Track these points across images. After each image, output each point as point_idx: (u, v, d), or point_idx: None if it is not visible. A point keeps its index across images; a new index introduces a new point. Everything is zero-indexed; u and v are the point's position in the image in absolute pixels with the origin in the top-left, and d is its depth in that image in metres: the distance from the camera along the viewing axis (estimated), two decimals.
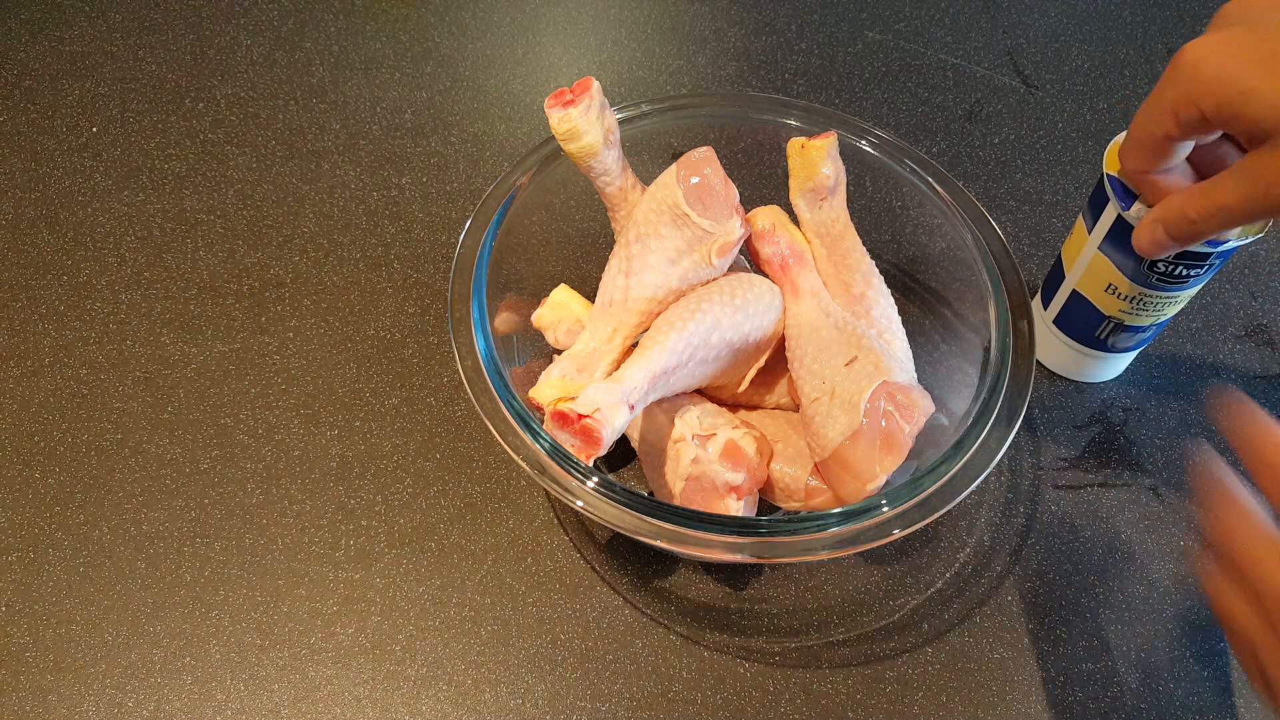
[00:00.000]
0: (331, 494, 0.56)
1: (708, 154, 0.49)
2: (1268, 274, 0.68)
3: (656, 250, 0.50)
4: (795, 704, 0.50)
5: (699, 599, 0.53)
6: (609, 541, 0.55)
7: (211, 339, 0.62)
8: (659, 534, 0.43)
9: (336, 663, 0.51)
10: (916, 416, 0.47)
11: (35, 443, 0.57)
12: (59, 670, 0.50)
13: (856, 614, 0.53)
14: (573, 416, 0.42)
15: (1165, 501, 0.58)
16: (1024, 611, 0.54)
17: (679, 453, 0.49)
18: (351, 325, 0.63)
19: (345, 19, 0.80)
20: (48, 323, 0.62)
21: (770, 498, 0.52)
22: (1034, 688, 0.51)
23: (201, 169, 0.70)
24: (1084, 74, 0.80)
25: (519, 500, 0.56)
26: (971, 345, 0.53)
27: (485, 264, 0.51)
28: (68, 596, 0.52)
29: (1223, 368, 0.63)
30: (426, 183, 0.70)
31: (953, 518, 0.57)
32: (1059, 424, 0.61)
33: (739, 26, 0.82)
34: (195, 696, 0.49)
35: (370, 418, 0.59)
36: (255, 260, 0.66)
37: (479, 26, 0.81)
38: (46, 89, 0.74)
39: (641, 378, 0.45)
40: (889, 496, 0.44)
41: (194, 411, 0.59)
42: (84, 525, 0.55)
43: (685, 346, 0.47)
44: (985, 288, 0.52)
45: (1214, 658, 0.52)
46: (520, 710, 0.50)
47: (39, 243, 0.66)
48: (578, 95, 0.48)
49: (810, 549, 0.43)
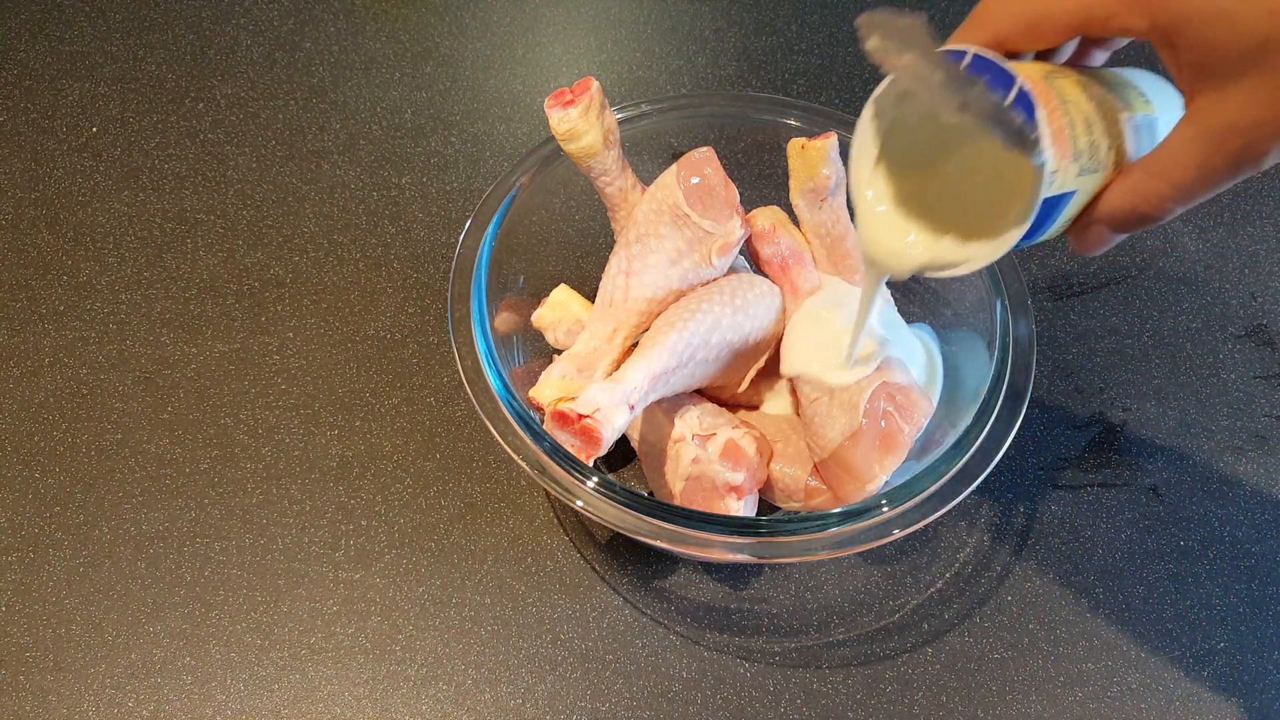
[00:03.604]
0: (331, 494, 0.56)
1: (708, 154, 0.49)
2: (1268, 274, 0.68)
3: (657, 250, 0.50)
4: (795, 704, 0.50)
5: (699, 599, 0.53)
6: (609, 541, 0.55)
7: (211, 339, 0.62)
8: (659, 534, 0.43)
9: (336, 663, 0.51)
10: (916, 417, 0.47)
11: (35, 443, 0.57)
12: (59, 670, 0.50)
13: (856, 614, 0.53)
14: (573, 416, 0.42)
15: (1165, 501, 0.58)
16: (1024, 611, 0.54)
17: (679, 453, 0.49)
18: (351, 325, 0.63)
19: (345, 19, 0.80)
20: (48, 323, 0.62)
21: (770, 498, 0.52)
22: (1034, 688, 0.51)
23: (201, 169, 0.70)
24: None
25: (519, 500, 0.56)
26: (971, 345, 0.53)
27: (485, 264, 0.51)
28: (68, 596, 0.52)
29: (1223, 368, 0.63)
30: (426, 183, 0.70)
31: (953, 518, 0.57)
32: (1059, 424, 0.61)
33: (739, 26, 0.82)
34: (195, 696, 0.49)
35: (370, 418, 0.59)
36: (255, 260, 0.66)
37: (479, 26, 0.81)
38: (46, 89, 0.74)
39: (642, 378, 0.45)
40: (889, 496, 0.44)
41: (194, 411, 0.59)
42: (84, 525, 0.55)
43: (685, 346, 0.47)
44: (985, 288, 0.52)
45: (1214, 657, 0.52)
46: (520, 710, 0.50)
47: (39, 243, 0.66)
48: (578, 95, 0.48)
49: (810, 549, 0.43)
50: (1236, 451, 0.60)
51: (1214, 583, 0.55)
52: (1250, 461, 0.59)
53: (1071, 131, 0.33)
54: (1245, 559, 0.56)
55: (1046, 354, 0.63)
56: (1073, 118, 0.33)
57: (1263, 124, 0.31)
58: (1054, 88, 0.33)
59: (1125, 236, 0.38)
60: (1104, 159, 0.35)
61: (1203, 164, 0.32)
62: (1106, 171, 0.35)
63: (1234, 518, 0.57)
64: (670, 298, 0.50)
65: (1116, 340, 0.64)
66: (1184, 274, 0.67)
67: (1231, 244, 0.69)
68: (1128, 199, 0.35)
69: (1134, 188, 0.35)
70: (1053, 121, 0.32)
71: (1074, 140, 0.33)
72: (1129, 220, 0.35)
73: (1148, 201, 0.34)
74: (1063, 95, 0.34)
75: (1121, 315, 0.65)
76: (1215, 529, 0.57)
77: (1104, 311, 0.65)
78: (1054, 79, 0.34)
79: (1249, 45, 0.30)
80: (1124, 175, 0.35)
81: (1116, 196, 0.35)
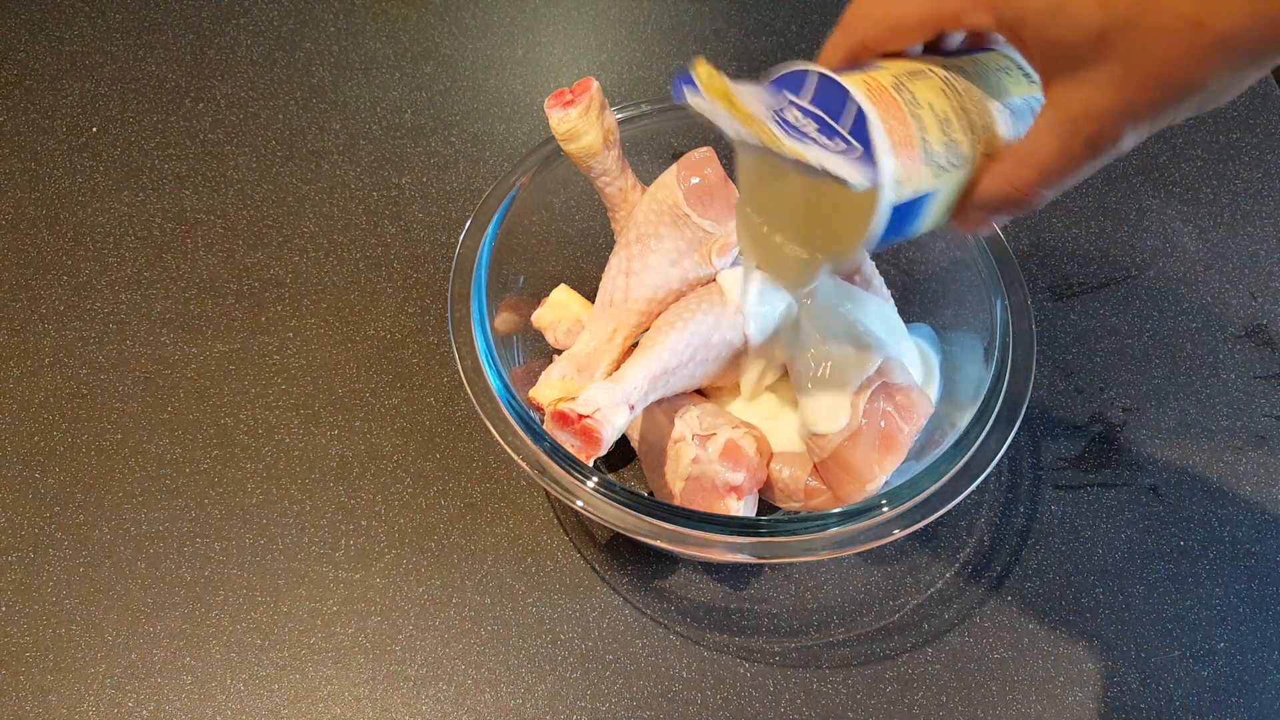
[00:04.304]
0: (331, 494, 0.56)
1: (708, 154, 0.49)
2: (1268, 274, 0.68)
3: (657, 250, 0.50)
4: (795, 704, 0.50)
5: (699, 599, 0.53)
6: (609, 541, 0.55)
7: (211, 339, 0.62)
8: (659, 534, 0.43)
9: (336, 663, 0.51)
10: (916, 417, 0.47)
11: (35, 443, 0.57)
12: (59, 670, 0.50)
13: (856, 614, 0.53)
14: (573, 416, 0.42)
15: (1165, 501, 0.58)
16: (1024, 611, 0.54)
17: (679, 453, 0.49)
18: (351, 325, 0.63)
19: (345, 19, 0.80)
20: (48, 323, 0.62)
21: (770, 498, 0.52)
22: (1034, 688, 0.51)
23: (201, 169, 0.70)
24: None
25: (519, 500, 0.56)
26: (971, 345, 0.53)
27: (485, 264, 0.51)
28: (68, 596, 0.52)
29: (1223, 368, 0.63)
30: (426, 183, 0.70)
31: (953, 518, 0.57)
32: (1059, 424, 0.61)
33: (739, 26, 0.82)
34: (195, 696, 0.49)
35: (370, 418, 0.59)
36: (255, 260, 0.66)
37: (479, 26, 0.81)
38: (46, 89, 0.74)
39: (642, 378, 0.45)
40: (889, 496, 0.44)
41: (194, 411, 0.59)
42: (84, 525, 0.55)
43: (685, 346, 0.47)
44: (985, 288, 0.52)
45: (1214, 657, 0.52)
46: (520, 710, 0.50)
47: (39, 243, 0.66)
48: (577, 95, 0.48)
49: (810, 549, 0.43)
50: (1236, 451, 0.60)
51: (1214, 583, 0.55)
52: (1250, 461, 0.59)
53: (922, 137, 0.35)
54: (1245, 559, 0.56)
55: (1046, 354, 0.63)
56: (924, 123, 0.35)
57: (1112, 111, 0.31)
58: (905, 95, 0.35)
59: (1008, 218, 0.39)
60: (967, 154, 0.36)
61: (1063, 151, 0.33)
62: (974, 163, 0.37)
63: (1234, 518, 0.57)
64: (670, 298, 0.50)
65: (1116, 340, 0.64)
66: (1184, 274, 0.67)
67: (1231, 244, 0.69)
68: (999, 185, 0.36)
69: (1005, 174, 0.36)
70: (896, 133, 0.34)
71: (924, 146, 0.35)
72: (1003, 205, 0.37)
73: (1019, 189, 0.35)
74: (915, 101, 0.35)
75: (1121, 315, 0.65)
76: (1215, 529, 0.57)
77: (1104, 311, 0.65)
78: (912, 82, 0.36)
79: (1087, 38, 0.30)
80: (998, 162, 0.36)
81: (990, 183, 0.37)
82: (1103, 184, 0.72)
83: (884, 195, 0.34)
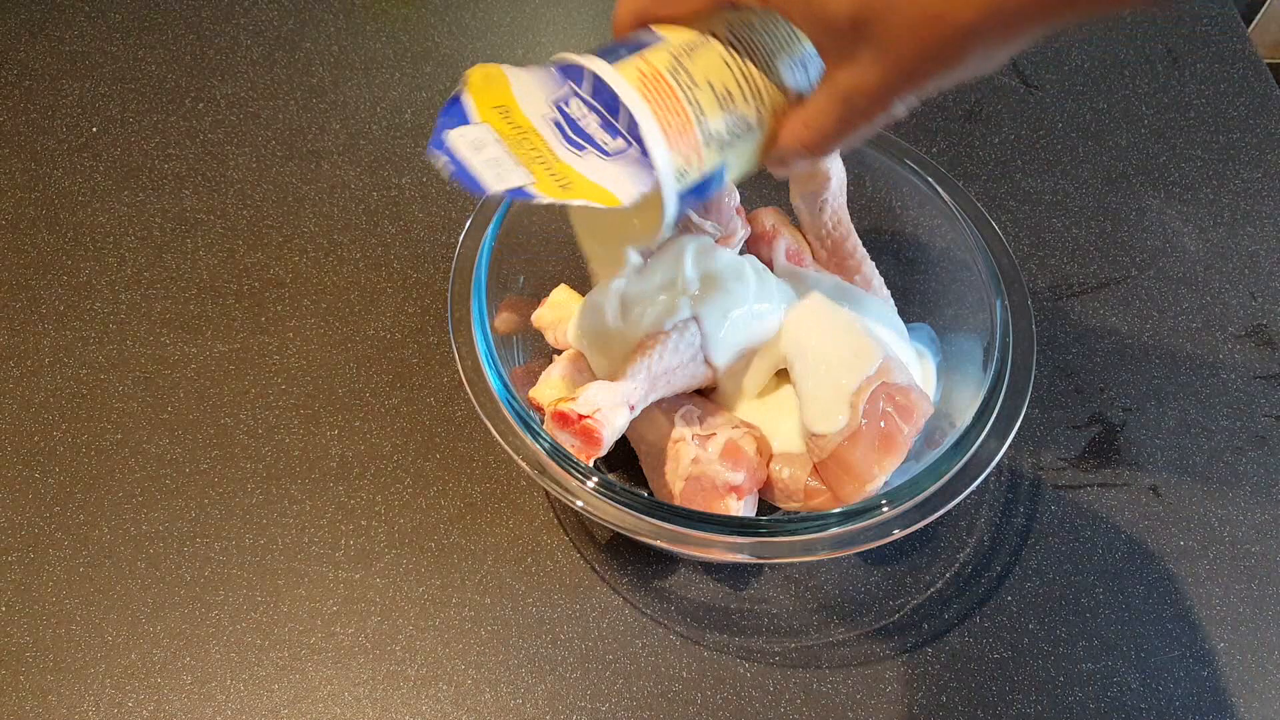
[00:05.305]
0: (331, 494, 0.56)
1: None
2: (1268, 274, 0.68)
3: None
4: (795, 704, 0.50)
5: (699, 599, 0.53)
6: (609, 541, 0.55)
7: (211, 339, 0.62)
8: (659, 534, 0.43)
9: (336, 663, 0.51)
10: (915, 418, 0.47)
11: (35, 443, 0.57)
12: (59, 670, 0.50)
13: (856, 614, 0.53)
14: (573, 417, 0.42)
15: (1165, 501, 0.58)
16: (1024, 611, 0.54)
17: (679, 453, 0.49)
18: (351, 325, 0.63)
19: (345, 19, 0.80)
20: (48, 323, 0.62)
21: (770, 498, 0.52)
22: (1034, 688, 0.51)
23: (201, 169, 0.70)
24: (1084, 74, 0.80)
25: (519, 500, 0.56)
26: (971, 345, 0.53)
27: (485, 264, 0.51)
28: (68, 596, 0.52)
29: (1223, 368, 0.63)
30: (426, 183, 0.70)
31: (953, 518, 0.57)
32: (1059, 424, 0.61)
33: None
34: (195, 696, 0.49)
35: (370, 418, 0.59)
36: (255, 260, 0.66)
37: (479, 26, 0.81)
38: (46, 89, 0.74)
39: (642, 378, 0.45)
40: (889, 496, 0.44)
41: (194, 411, 0.59)
42: (84, 525, 0.55)
43: (686, 347, 0.47)
44: (985, 288, 0.52)
45: (1214, 657, 0.52)
46: (520, 710, 0.50)
47: (39, 243, 0.66)
48: None
49: (810, 549, 0.43)
50: (1236, 451, 0.60)
51: (1214, 583, 0.55)
52: (1250, 461, 0.59)
53: (700, 120, 0.36)
54: (1245, 559, 0.56)
55: (1046, 354, 0.63)
56: (702, 106, 0.36)
57: (878, 87, 0.33)
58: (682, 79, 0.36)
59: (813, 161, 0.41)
60: (754, 121, 0.38)
61: (841, 119, 0.36)
62: (765, 126, 0.39)
63: (1234, 518, 0.57)
64: None
65: (1116, 340, 0.64)
66: (1184, 274, 0.67)
67: (1231, 244, 0.69)
68: (791, 143, 0.38)
69: (794, 134, 0.38)
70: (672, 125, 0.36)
71: (703, 128, 0.37)
72: (799, 157, 0.39)
73: (808, 146, 0.38)
74: (693, 83, 0.36)
75: (1121, 315, 0.65)
76: (1215, 529, 0.57)
77: (1104, 311, 0.65)
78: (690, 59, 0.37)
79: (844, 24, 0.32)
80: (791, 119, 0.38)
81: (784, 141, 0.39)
82: (1103, 184, 0.72)
83: (667, 192, 0.36)
